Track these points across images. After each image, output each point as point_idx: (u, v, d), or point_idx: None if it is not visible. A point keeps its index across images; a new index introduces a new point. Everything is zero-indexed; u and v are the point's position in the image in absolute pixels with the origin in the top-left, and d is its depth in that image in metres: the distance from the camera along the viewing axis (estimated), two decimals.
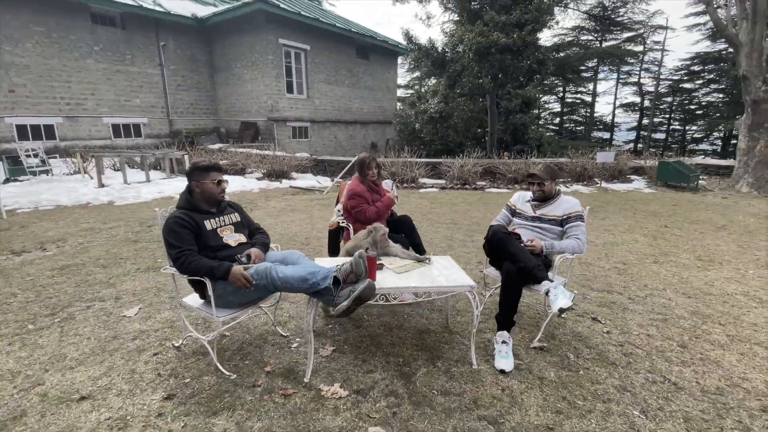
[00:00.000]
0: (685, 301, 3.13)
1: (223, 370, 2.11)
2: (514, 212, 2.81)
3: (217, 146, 12.77)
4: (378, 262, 2.31)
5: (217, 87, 16.13)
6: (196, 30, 14.88)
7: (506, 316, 2.31)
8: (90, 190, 7.57)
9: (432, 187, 8.64)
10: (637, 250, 4.40)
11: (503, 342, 2.26)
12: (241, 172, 9.66)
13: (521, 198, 2.82)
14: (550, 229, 2.61)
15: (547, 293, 2.14)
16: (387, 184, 3.60)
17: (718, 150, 24.36)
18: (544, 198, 2.66)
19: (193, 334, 2.22)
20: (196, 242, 2.09)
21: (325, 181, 9.27)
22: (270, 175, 9.22)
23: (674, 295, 3.23)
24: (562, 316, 2.78)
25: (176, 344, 2.37)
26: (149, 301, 2.98)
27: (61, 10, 11.38)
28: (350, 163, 9.79)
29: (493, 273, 2.69)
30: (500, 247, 2.39)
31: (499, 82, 11.74)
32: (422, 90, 19.27)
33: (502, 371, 2.16)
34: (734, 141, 24.11)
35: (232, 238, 2.22)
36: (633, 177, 9.39)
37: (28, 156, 8.82)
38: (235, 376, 2.09)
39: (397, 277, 2.20)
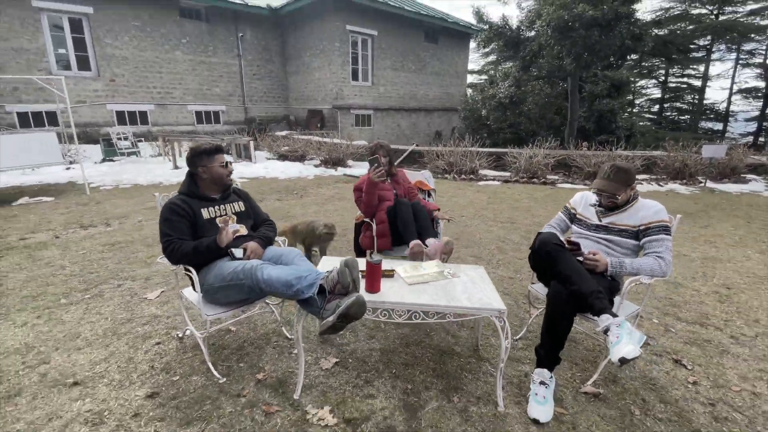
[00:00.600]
0: None
1: (214, 372, 1.94)
2: (573, 217, 2.24)
3: (284, 133, 13.21)
4: (389, 270, 1.95)
5: (288, 75, 16.70)
6: (271, 20, 15.44)
7: (549, 351, 1.81)
8: (165, 171, 8.20)
9: (494, 180, 7.91)
10: (748, 270, 3.43)
11: (542, 383, 1.77)
12: (301, 158, 9.82)
13: (584, 200, 2.22)
14: (621, 242, 2.01)
15: (606, 332, 1.59)
16: (423, 174, 3.19)
17: None
18: (616, 207, 2.05)
19: (189, 328, 2.09)
20: (192, 233, 1.92)
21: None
22: (327, 162, 9.22)
23: None
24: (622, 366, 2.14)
25: (180, 335, 2.27)
26: (173, 284, 2.96)
27: (155, 5, 12.50)
28: (407, 151, 9.41)
29: (540, 291, 2.17)
30: (549, 261, 1.87)
31: (584, 63, 10.27)
32: (497, 75, 17.92)
33: (536, 421, 1.68)
34: None
35: (231, 228, 2.02)
36: (750, 176, 7.65)
37: (119, 139, 9.87)
38: (225, 380, 1.91)
39: (408, 289, 1.82)
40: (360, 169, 8.94)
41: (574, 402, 1.83)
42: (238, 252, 1.90)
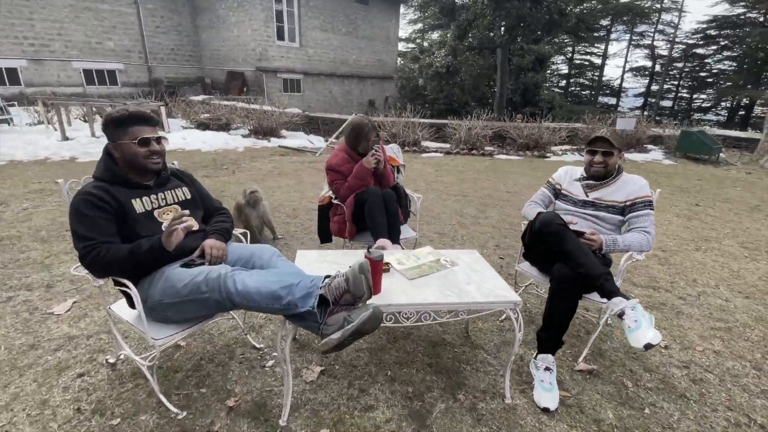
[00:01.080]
0: (744, 302, 2.60)
1: (169, 406, 1.53)
2: (558, 193, 2.16)
3: (200, 98, 11.66)
4: (385, 263, 1.67)
5: (200, 31, 14.63)
6: None
7: (554, 335, 1.73)
8: (52, 144, 6.69)
9: (436, 151, 7.88)
10: (673, 233, 3.83)
11: (546, 369, 1.70)
12: (225, 127, 8.75)
13: (568, 175, 2.15)
14: (608, 218, 1.98)
15: (620, 316, 1.54)
16: (392, 148, 2.90)
17: (724, 120, 23.50)
18: (603, 175, 2.00)
19: (127, 353, 1.61)
20: (120, 232, 1.42)
21: (318, 141, 8.44)
22: (257, 132, 8.34)
23: (730, 294, 2.69)
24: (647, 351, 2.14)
25: (110, 360, 1.77)
26: (89, 291, 2.35)
27: None
28: (346, 122, 8.91)
29: (527, 270, 2.08)
30: (553, 242, 1.76)
31: (513, 35, 10.55)
32: (424, 44, 17.72)
33: (546, 410, 1.61)
34: (742, 112, 23.20)
35: (182, 225, 1.55)
36: (650, 147, 8.69)
37: None
38: (185, 414, 1.52)
39: (410, 284, 1.57)
40: (298, 140, 8.26)
41: (572, 382, 1.80)
42: (197, 260, 1.46)
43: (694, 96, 24.83)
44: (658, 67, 24.25)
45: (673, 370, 1.92)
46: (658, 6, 22.46)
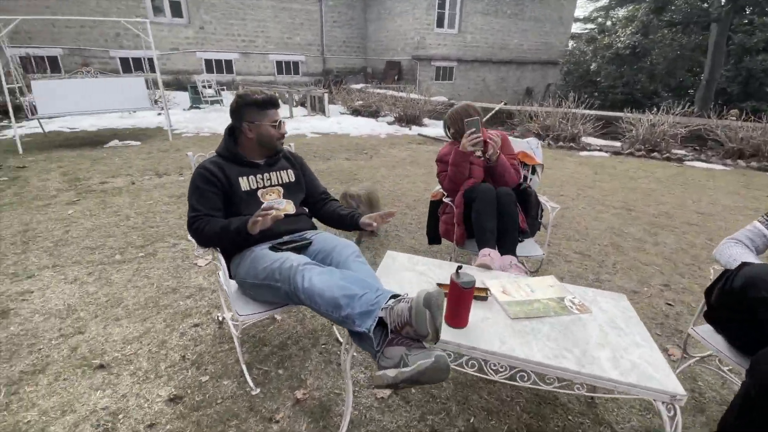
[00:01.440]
0: None
1: (248, 378, 1.58)
2: None
3: (359, 86, 12.62)
4: (481, 288, 1.33)
5: (368, 23, 15.74)
6: None
7: None
8: None
9: (600, 150, 6.57)
10: None
11: None
12: (375, 114, 9.21)
13: None
14: None
15: None
16: (529, 143, 2.41)
17: None
18: None
19: (226, 316, 1.74)
20: (227, 207, 1.49)
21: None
22: (401, 119, 8.50)
23: None
24: None
25: (220, 319, 1.96)
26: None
27: None
28: (494, 110, 8.27)
29: (707, 338, 1.40)
30: (761, 311, 1.11)
31: (740, 4, 7.81)
32: (607, 23, 14.94)
33: None
34: None
35: (276, 205, 1.55)
36: None
37: (204, 87, 10.11)
38: (258, 391, 1.54)
39: (510, 325, 1.20)
40: (438, 129, 8.10)
41: None
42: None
43: None
44: None
45: None
46: None
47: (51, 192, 3.76)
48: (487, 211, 1.84)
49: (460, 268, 1.15)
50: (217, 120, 8.27)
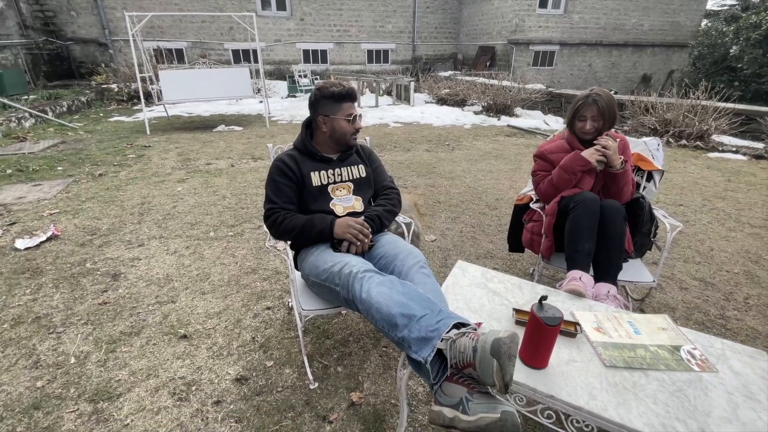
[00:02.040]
0: None
1: (308, 371, 1.59)
2: None
3: (447, 73, 12.20)
4: (569, 322, 1.12)
5: (463, 7, 15.04)
6: None
7: None
8: None
9: (736, 151, 5.38)
10: None
11: None
12: (461, 103, 8.81)
13: None
14: None
15: None
16: (647, 143, 2.00)
17: None
18: None
19: (293, 302, 1.77)
20: (298, 200, 1.49)
21: (555, 123, 7.31)
22: (489, 109, 7.99)
23: None
24: None
25: (290, 305, 2.02)
26: None
27: None
28: None
29: None
30: None
31: None
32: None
33: None
34: None
35: (344, 202, 1.50)
36: None
37: (300, 76, 10.69)
38: (316, 386, 1.54)
39: (604, 374, 0.97)
40: (532, 120, 7.43)
41: None
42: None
43: None
44: None
45: None
46: None
47: (167, 170, 4.30)
48: (586, 226, 1.55)
49: (544, 298, 0.96)
50: (307, 109, 8.71)
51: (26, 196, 3.52)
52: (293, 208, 1.47)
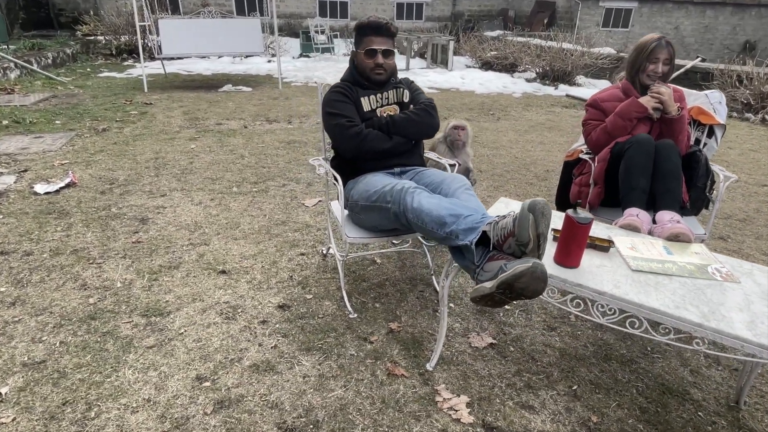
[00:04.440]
0: None
1: (347, 303, 2.04)
2: None
3: (495, 33, 12.51)
4: (604, 239, 1.52)
5: None
6: None
7: None
8: None
9: None
10: None
11: None
12: (511, 68, 9.15)
13: None
14: None
15: None
16: (709, 96, 2.36)
17: None
18: None
19: (332, 247, 2.22)
20: None
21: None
22: (545, 75, 8.31)
23: None
24: None
25: (324, 252, 2.48)
26: (334, 194, 3.24)
27: None
28: (684, 68, 7.50)
29: None
30: None
31: None
32: None
33: None
34: None
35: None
36: None
37: (317, 32, 11.24)
38: (356, 316, 1.99)
39: (629, 275, 1.37)
40: (595, 90, 7.70)
41: None
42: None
43: None
44: None
45: None
46: None
47: (174, 128, 4.86)
48: (641, 164, 1.91)
49: (577, 204, 1.37)
50: (326, 69, 9.23)
51: (30, 147, 4.12)
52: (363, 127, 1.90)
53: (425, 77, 8.65)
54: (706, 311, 1.23)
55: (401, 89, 2.04)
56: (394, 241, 2.57)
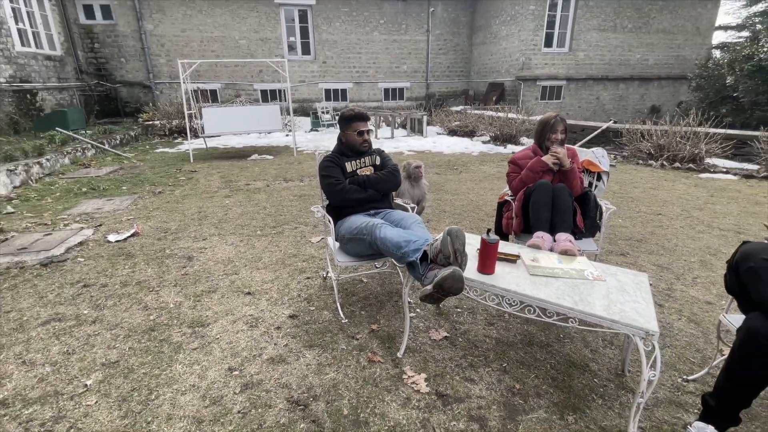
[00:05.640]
0: None
1: (340, 312, 2.23)
2: None
3: (458, 108, 13.20)
4: (512, 254, 1.76)
5: (473, 47, 16.37)
6: None
7: (725, 404, 1.31)
8: None
9: (726, 172, 5.92)
10: None
11: None
12: (471, 134, 9.65)
13: None
14: None
15: None
16: (594, 152, 2.67)
17: None
18: None
19: (330, 271, 2.44)
20: None
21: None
22: (497, 138, 8.78)
23: None
24: None
25: (324, 275, 2.68)
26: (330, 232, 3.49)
27: None
28: (599, 129, 7.98)
29: (736, 323, 1.57)
30: (751, 281, 1.33)
31: None
32: (763, 29, 12.79)
33: None
34: None
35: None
36: None
37: (323, 113, 11.87)
38: (346, 321, 2.17)
39: (527, 278, 1.60)
40: None
41: None
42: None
43: None
44: None
45: None
46: None
47: (213, 188, 5.15)
48: (543, 201, 2.19)
49: (489, 231, 1.62)
50: (331, 140, 9.69)
51: (103, 207, 4.38)
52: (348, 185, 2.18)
53: (406, 143, 9.11)
54: (578, 299, 1.45)
55: (374, 156, 2.33)
56: (376, 265, 2.77)
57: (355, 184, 2.18)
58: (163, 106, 11.20)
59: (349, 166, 2.25)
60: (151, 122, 10.90)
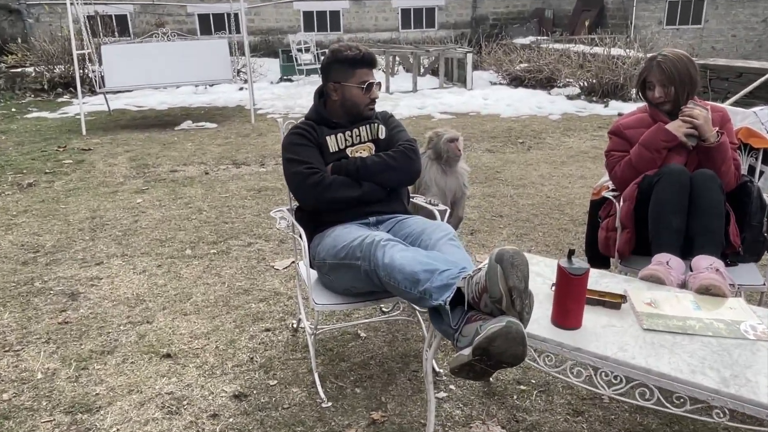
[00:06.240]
0: None
1: (320, 389, 2.19)
2: None
3: (527, 40, 13.14)
4: (615, 294, 1.68)
5: None
6: None
7: None
8: None
9: None
10: None
11: None
12: (547, 83, 9.58)
13: None
14: None
15: None
16: (763, 113, 2.57)
17: None
18: None
19: (302, 317, 2.40)
20: None
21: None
22: (591, 90, 8.69)
23: None
24: None
25: (294, 325, 2.65)
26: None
27: None
28: (765, 77, 7.82)
29: None
30: None
31: None
32: None
33: None
34: None
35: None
36: None
37: (300, 51, 11.96)
38: (329, 404, 2.13)
39: (640, 335, 1.52)
40: None
41: None
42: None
43: None
44: None
45: None
46: None
47: (118, 179, 5.21)
48: (673, 199, 2.10)
49: (572, 253, 1.54)
50: (309, 96, 9.75)
51: None
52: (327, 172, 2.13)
53: (438, 99, 9.10)
54: (728, 375, 1.37)
55: (375, 125, 2.27)
56: (383, 309, 2.75)
57: (343, 174, 2.13)
58: (39, 42, 11.43)
59: (333, 143, 2.19)
60: (20, 69, 11.15)
